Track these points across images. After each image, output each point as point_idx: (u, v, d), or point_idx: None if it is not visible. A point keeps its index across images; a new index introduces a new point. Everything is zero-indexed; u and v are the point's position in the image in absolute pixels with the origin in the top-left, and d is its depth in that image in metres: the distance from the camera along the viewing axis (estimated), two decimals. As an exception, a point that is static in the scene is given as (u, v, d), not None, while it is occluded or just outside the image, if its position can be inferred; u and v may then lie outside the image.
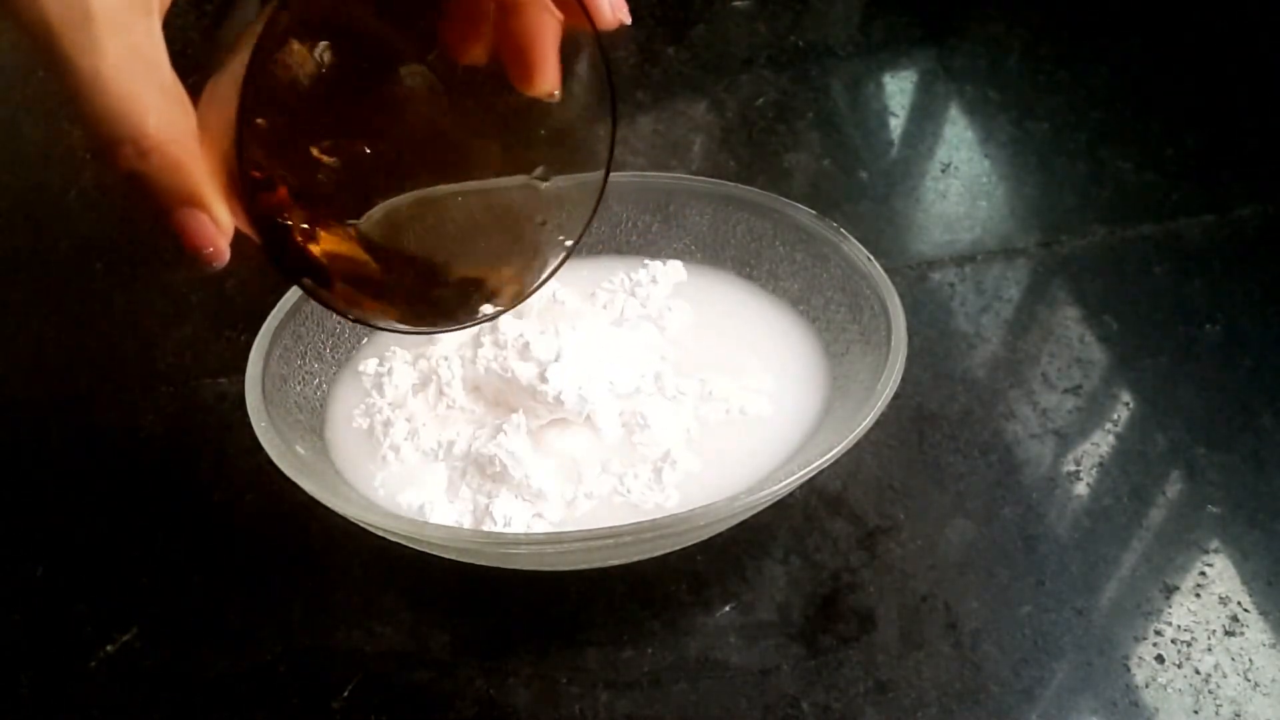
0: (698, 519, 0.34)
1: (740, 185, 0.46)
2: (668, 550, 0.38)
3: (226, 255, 0.34)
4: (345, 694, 0.37)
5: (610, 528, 0.33)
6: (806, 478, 0.35)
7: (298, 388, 0.41)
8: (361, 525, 0.35)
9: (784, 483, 0.35)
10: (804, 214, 0.44)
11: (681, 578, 0.40)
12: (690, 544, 0.39)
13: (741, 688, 0.38)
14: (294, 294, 0.41)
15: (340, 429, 0.41)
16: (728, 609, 0.40)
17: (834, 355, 0.43)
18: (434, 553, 0.36)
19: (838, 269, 0.43)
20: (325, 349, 0.43)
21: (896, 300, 0.40)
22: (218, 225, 0.33)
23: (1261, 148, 0.58)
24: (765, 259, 0.45)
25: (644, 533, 0.34)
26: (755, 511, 0.37)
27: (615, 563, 0.38)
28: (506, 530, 0.37)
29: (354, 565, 0.40)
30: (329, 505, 0.34)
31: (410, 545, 0.35)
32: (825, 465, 0.35)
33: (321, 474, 0.38)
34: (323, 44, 0.34)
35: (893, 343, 0.38)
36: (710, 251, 0.46)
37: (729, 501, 0.35)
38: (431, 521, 0.37)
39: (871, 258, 0.42)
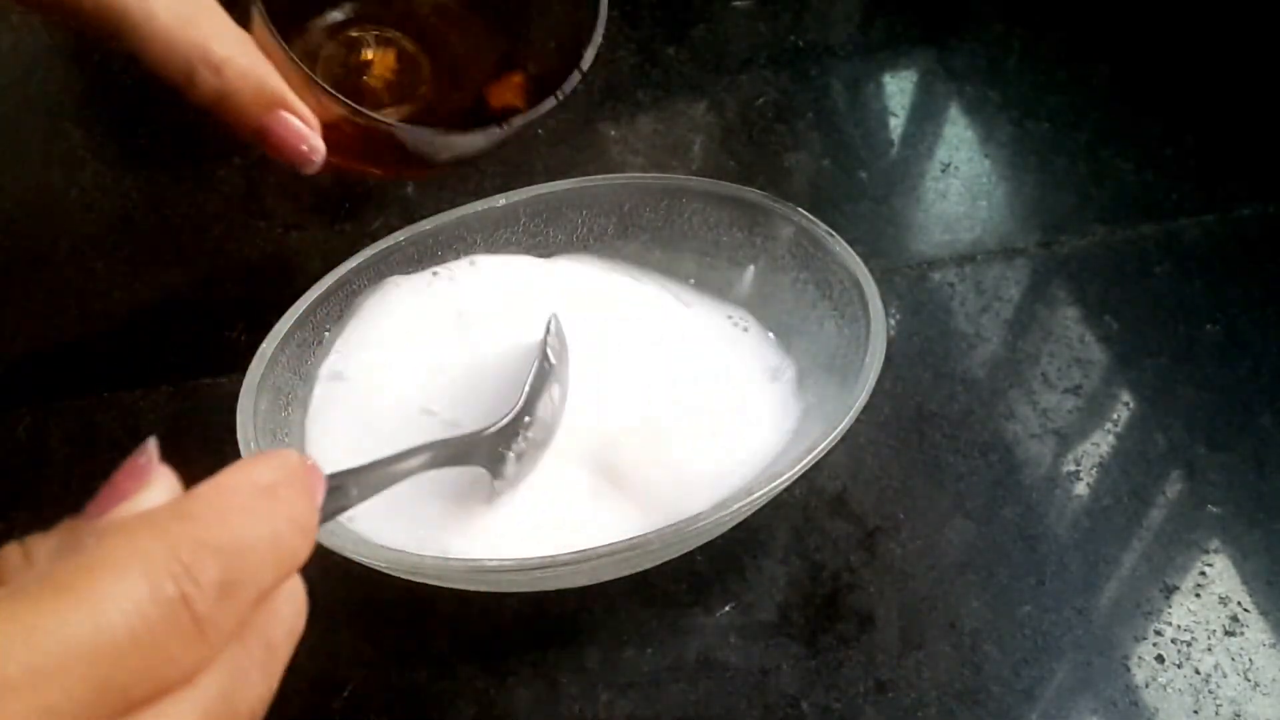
0: (691, 525, 0.34)
1: (733, 184, 0.46)
2: (669, 558, 0.38)
3: (322, 149, 0.36)
4: (345, 694, 0.37)
5: (599, 547, 0.33)
6: (803, 470, 0.35)
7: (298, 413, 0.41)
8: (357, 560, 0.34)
9: (780, 480, 0.35)
10: (796, 212, 0.44)
11: (681, 578, 0.40)
12: (690, 549, 0.39)
13: (741, 688, 0.38)
14: (275, 339, 0.39)
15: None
16: (728, 609, 0.40)
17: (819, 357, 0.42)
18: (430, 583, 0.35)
19: (823, 265, 0.43)
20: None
21: (879, 305, 0.39)
22: (304, 119, 0.36)
23: (1261, 148, 0.58)
24: (763, 256, 0.45)
25: (635, 548, 0.33)
26: (753, 510, 0.37)
27: (608, 578, 0.38)
28: (492, 560, 0.35)
29: (353, 565, 0.40)
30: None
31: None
32: (819, 456, 0.35)
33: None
34: None
35: (871, 344, 0.38)
36: (700, 250, 0.46)
37: (721, 505, 0.35)
38: (427, 554, 0.36)
39: (848, 247, 0.41)
